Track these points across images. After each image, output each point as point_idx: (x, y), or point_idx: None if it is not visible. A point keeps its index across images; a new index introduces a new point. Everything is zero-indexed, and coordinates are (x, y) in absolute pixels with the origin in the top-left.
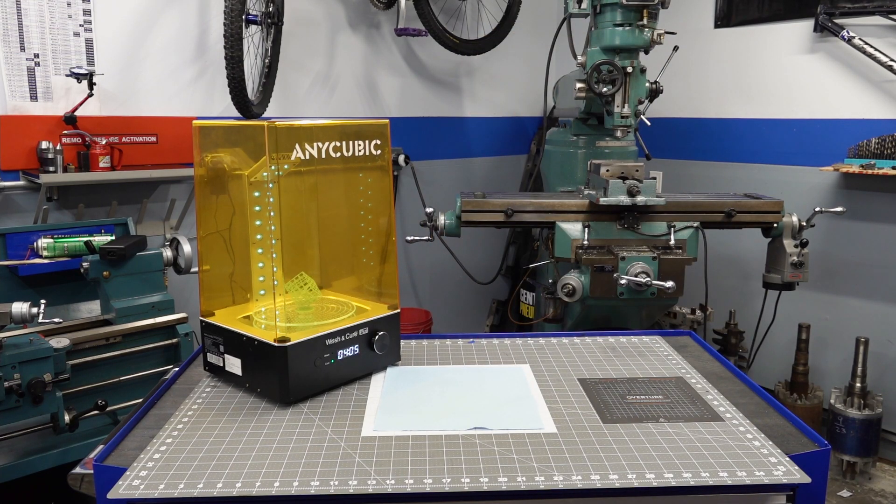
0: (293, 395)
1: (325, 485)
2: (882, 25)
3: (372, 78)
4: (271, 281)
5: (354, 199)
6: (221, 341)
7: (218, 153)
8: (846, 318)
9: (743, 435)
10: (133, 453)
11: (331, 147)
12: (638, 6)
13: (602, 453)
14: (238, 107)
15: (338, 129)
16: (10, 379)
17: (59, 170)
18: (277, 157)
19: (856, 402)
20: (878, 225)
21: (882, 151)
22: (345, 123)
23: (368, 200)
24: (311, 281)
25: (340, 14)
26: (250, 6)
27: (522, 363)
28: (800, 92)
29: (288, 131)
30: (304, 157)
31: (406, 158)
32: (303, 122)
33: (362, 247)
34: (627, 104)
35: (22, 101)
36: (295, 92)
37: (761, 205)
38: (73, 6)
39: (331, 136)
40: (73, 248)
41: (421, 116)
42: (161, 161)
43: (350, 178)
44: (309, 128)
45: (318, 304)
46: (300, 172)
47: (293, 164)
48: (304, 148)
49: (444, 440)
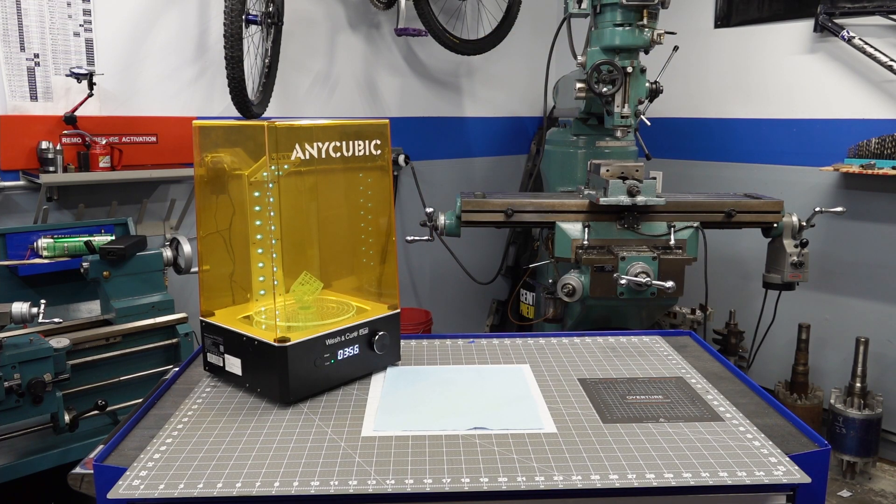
0: (293, 395)
1: (325, 485)
2: (882, 25)
3: (372, 78)
4: (271, 281)
5: (354, 199)
6: (221, 341)
7: (218, 153)
8: (846, 318)
9: (743, 435)
10: (133, 453)
11: (331, 147)
12: (638, 6)
13: (602, 453)
14: (238, 107)
15: (338, 129)
16: (10, 379)
17: (59, 170)
18: (277, 157)
19: (856, 402)
20: (878, 225)
21: (882, 151)
22: (345, 123)
23: (368, 200)
24: (314, 280)
25: (340, 14)
26: (250, 6)
27: (522, 363)
28: (800, 92)
29: (288, 131)
30: (304, 157)
31: (406, 158)
32: (303, 122)
33: (362, 247)
34: (627, 104)
35: (22, 101)
36: (295, 92)
37: (761, 205)
38: (73, 6)
39: (331, 136)
40: (73, 248)
41: (421, 116)
42: (161, 161)
43: (350, 177)
44: (309, 128)
45: (318, 304)
46: (300, 172)
47: (293, 164)
48: (304, 148)
49: (444, 440)
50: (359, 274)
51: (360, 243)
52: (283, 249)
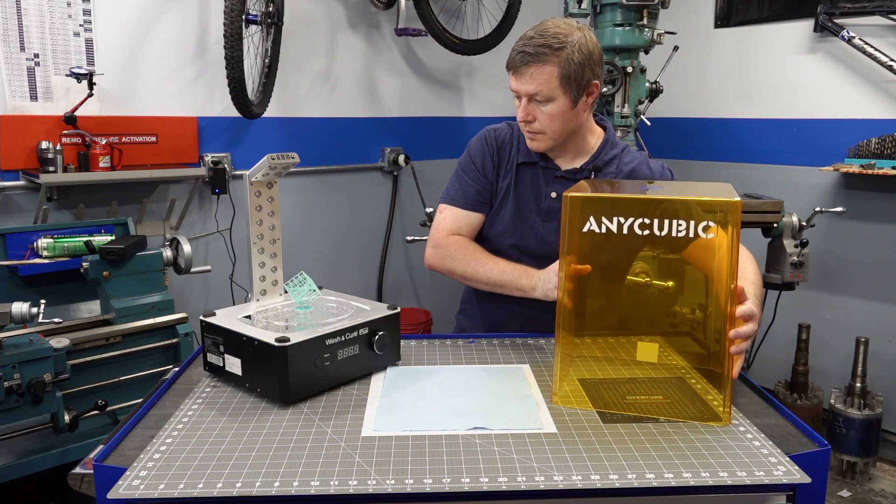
0: (293, 395)
1: (325, 485)
2: (882, 25)
3: (372, 78)
4: (271, 281)
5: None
6: (221, 341)
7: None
8: (846, 318)
9: (743, 435)
10: (133, 453)
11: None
12: (638, 6)
13: (602, 453)
14: (238, 107)
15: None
16: (10, 379)
17: (59, 170)
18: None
19: (856, 402)
20: (878, 225)
21: (882, 151)
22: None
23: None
24: (309, 280)
25: (340, 14)
26: (250, 6)
27: (522, 363)
28: (800, 92)
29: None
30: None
31: (406, 158)
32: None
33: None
34: (627, 104)
35: (22, 101)
36: (295, 92)
37: (761, 205)
38: (73, 6)
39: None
40: (73, 248)
41: (421, 116)
42: (161, 161)
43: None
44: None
45: (318, 304)
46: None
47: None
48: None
49: (444, 440)
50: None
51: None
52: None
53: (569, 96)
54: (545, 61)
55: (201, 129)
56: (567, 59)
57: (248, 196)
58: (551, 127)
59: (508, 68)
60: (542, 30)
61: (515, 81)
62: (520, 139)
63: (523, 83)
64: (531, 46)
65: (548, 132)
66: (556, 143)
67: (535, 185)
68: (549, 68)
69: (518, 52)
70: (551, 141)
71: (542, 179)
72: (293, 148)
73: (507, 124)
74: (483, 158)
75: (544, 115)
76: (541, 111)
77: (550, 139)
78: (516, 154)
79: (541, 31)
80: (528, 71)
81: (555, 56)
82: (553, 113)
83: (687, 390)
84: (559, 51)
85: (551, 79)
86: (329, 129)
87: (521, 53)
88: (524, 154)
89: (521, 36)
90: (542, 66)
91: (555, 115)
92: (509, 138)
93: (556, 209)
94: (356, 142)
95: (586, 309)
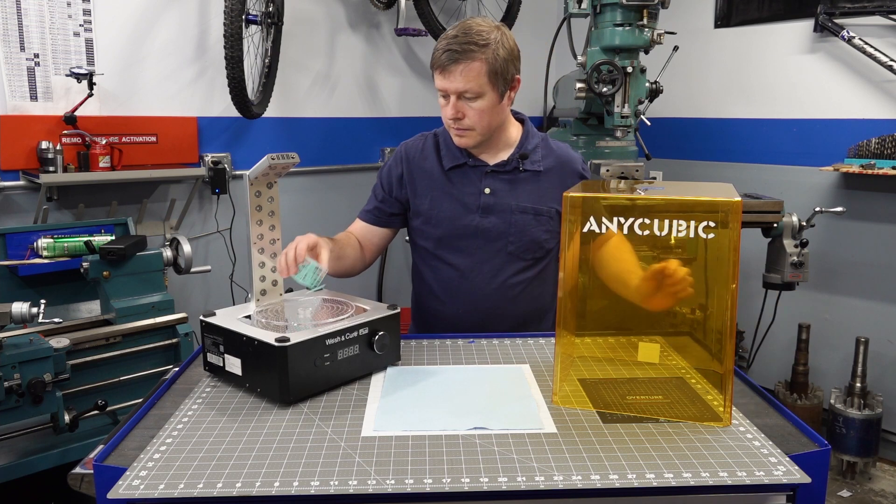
0: (293, 395)
1: (325, 485)
2: (882, 25)
3: (372, 78)
4: (271, 281)
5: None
6: (221, 341)
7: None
8: (846, 318)
9: (743, 435)
10: (133, 453)
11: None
12: (638, 6)
13: (602, 453)
14: (238, 107)
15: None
16: (10, 379)
17: (59, 170)
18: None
19: (856, 402)
20: (878, 225)
21: (882, 151)
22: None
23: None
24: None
25: (340, 14)
26: (250, 6)
27: (522, 363)
28: (800, 92)
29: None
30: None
31: None
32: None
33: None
34: (627, 104)
35: (22, 101)
36: (295, 92)
37: (761, 205)
38: (73, 6)
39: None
40: (73, 248)
41: (421, 116)
42: (161, 161)
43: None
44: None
45: (318, 304)
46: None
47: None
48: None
49: (444, 440)
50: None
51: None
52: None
53: (496, 91)
54: (473, 58)
55: (201, 129)
56: (493, 54)
57: (248, 196)
58: (480, 123)
59: (434, 67)
60: (464, 28)
61: (444, 80)
62: (441, 146)
63: (452, 81)
64: (457, 44)
65: (477, 128)
66: (484, 138)
67: (468, 184)
68: (478, 65)
69: (444, 51)
70: (480, 136)
71: (475, 177)
72: (293, 148)
73: (421, 135)
74: (390, 176)
75: (474, 111)
76: (470, 107)
77: (479, 135)
78: (439, 161)
79: (464, 30)
80: (458, 68)
81: (481, 53)
82: (482, 108)
83: (687, 390)
84: (485, 47)
85: (480, 75)
86: (329, 129)
87: (447, 52)
88: (450, 159)
89: (443, 35)
90: (471, 63)
91: (484, 110)
92: (424, 149)
93: (492, 204)
94: (356, 142)
95: (587, 309)
